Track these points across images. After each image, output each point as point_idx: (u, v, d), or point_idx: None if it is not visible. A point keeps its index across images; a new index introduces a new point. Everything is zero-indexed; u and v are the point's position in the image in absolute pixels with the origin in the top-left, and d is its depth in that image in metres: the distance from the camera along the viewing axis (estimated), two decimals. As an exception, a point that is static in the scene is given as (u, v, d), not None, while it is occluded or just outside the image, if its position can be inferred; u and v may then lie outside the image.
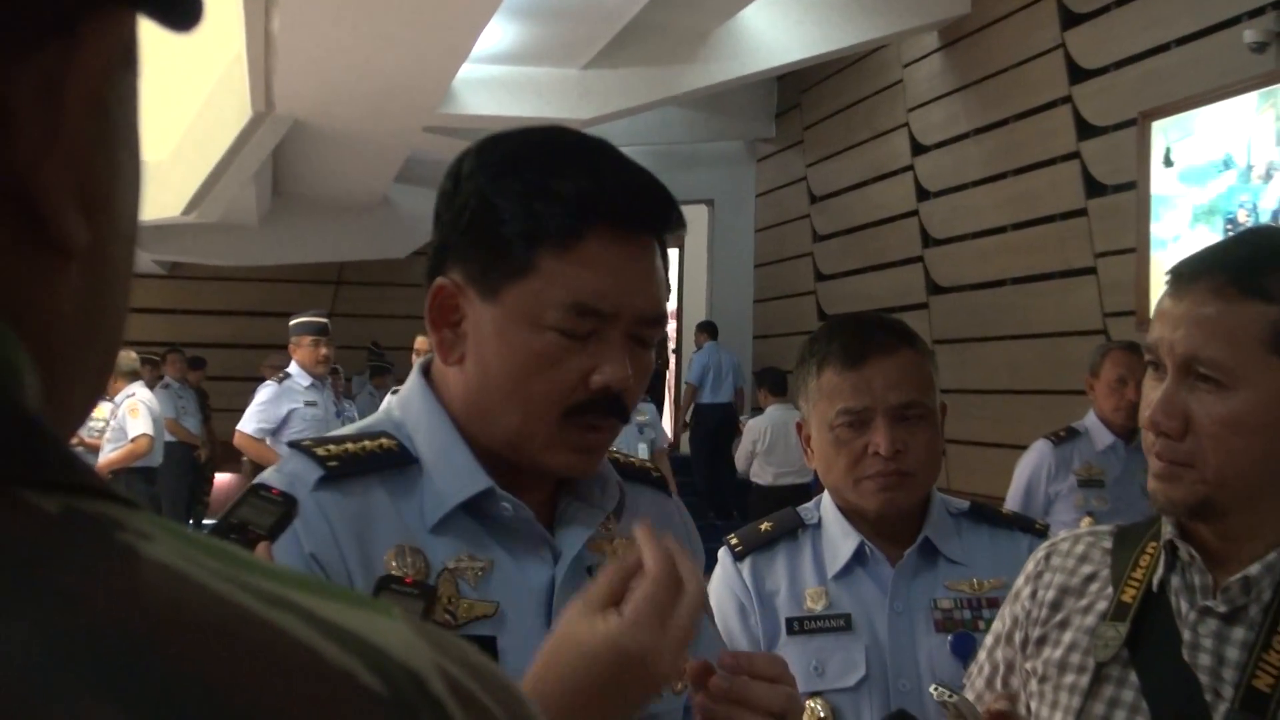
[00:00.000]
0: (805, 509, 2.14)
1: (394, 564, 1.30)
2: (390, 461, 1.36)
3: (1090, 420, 5.04)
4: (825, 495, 2.11)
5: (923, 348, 2.07)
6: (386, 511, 1.32)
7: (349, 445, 1.36)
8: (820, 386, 2.03)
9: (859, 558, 2.04)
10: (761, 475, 9.37)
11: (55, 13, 0.39)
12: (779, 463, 9.34)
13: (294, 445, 1.38)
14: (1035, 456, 5.04)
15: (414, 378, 1.44)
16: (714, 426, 12.51)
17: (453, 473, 1.35)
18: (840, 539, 2.06)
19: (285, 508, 1.21)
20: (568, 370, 1.31)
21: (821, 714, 1.95)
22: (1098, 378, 4.98)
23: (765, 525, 2.13)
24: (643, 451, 8.35)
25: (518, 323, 1.30)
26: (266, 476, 1.34)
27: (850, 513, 2.06)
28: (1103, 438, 4.94)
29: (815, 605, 2.02)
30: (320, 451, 1.34)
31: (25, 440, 0.38)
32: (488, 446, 1.36)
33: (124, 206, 0.44)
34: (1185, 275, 1.46)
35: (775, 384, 9.54)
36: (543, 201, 1.29)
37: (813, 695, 1.95)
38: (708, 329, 13.36)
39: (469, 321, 1.34)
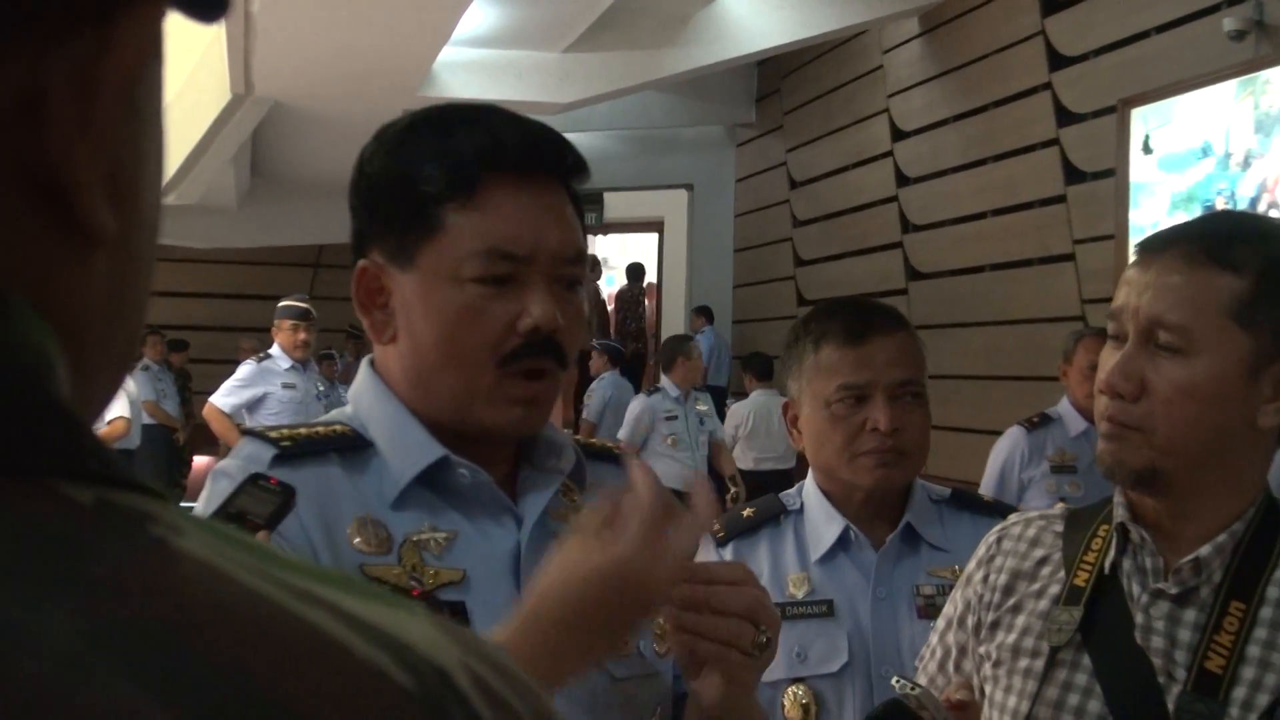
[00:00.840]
0: (788, 495, 2.14)
1: (357, 538, 1.31)
2: (344, 444, 1.37)
3: (1064, 407, 5.09)
4: (808, 481, 2.11)
5: (914, 333, 2.09)
6: (345, 487, 1.34)
7: (302, 430, 1.39)
8: (818, 363, 2.03)
9: (843, 543, 2.04)
10: (742, 459, 9.39)
11: (92, 2, 0.40)
12: (760, 447, 9.36)
13: (247, 431, 1.40)
14: (1009, 443, 5.10)
15: (363, 370, 1.46)
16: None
17: (406, 448, 1.36)
18: (824, 524, 2.06)
19: (284, 497, 1.21)
20: (494, 318, 1.33)
21: (804, 700, 1.95)
22: (1071, 364, 5.02)
23: (747, 511, 2.14)
24: (702, 446, 8.40)
25: (437, 282, 1.33)
26: (226, 461, 1.36)
27: (835, 496, 2.06)
28: (1076, 424, 4.98)
29: (798, 591, 2.02)
30: (273, 435, 1.36)
31: (59, 431, 0.38)
32: (438, 420, 1.37)
33: (149, 195, 0.45)
34: (1154, 246, 1.47)
35: (761, 369, 9.57)
36: (441, 161, 1.33)
37: (795, 681, 1.96)
38: (706, 313, 13.40)
39: (395, 298, 1.36)
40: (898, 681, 1.50)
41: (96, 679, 0.32)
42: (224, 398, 7.24)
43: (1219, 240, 1.43)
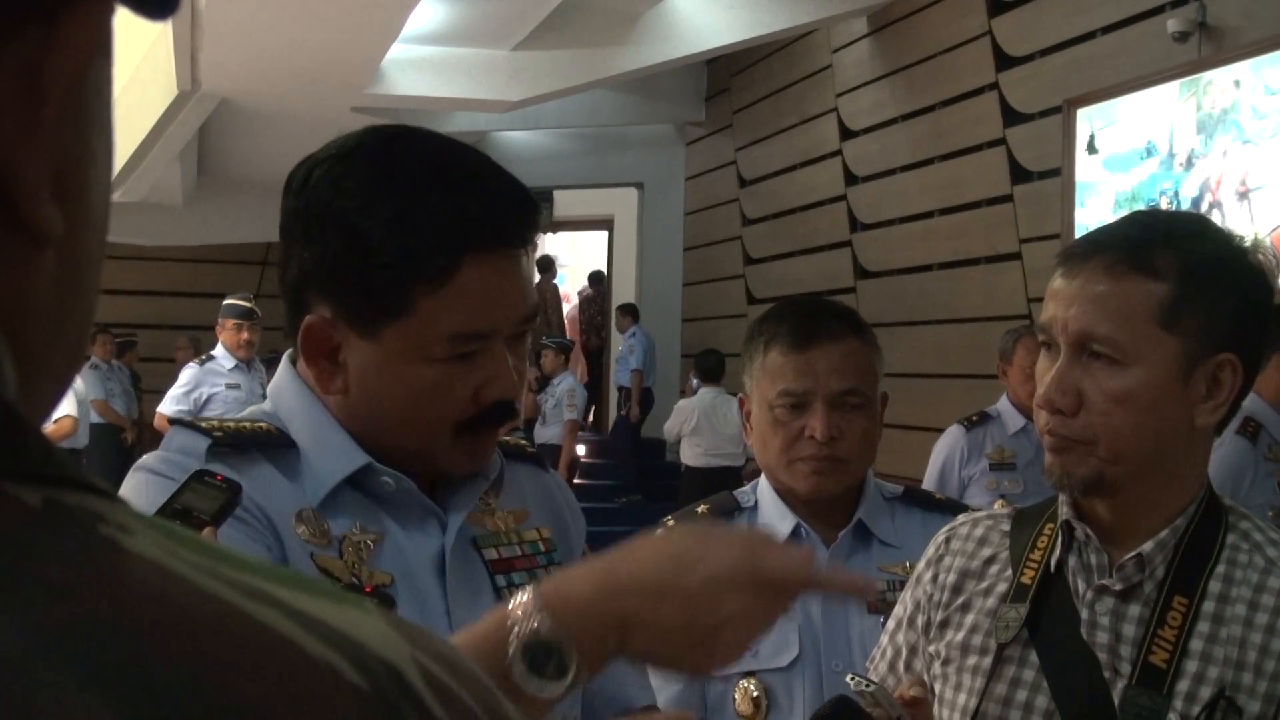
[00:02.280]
0: (742, 492, 2.15)
1: (300, 528, 1.31)
2: (271, 442, 1.36)
3: (1002, 404, 5.16)
4: (762, 479, 2.13)
5: (870, 338, 2.09)
6: (279, 482, 1.33)
7: (230, 423, 1.37)
8: (765, 365, 2.05)
9: (794, 539, 2.05)
10: (690, 456, 9.42)
11: (36, 1, 0.39)
12: (707, 445, 9.42)
13: (176, 421, 1.38)
14: (949, 441, 5.18)
15: (284, 369, 1.44)
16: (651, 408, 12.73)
17: (330, 453, 1.36)
18: (776, 520, 2.07)
19: (229, 494, 1.21)
20: (458, 393, 1.32)
21: (755, 694, 1.96)
22: (1011, 364, 5.07)
23: (701, 508, 2.15)
24: None
25: (402, 360, 1.31)
26: (153, 456, 1.34)
27: (785, 494, 2.08)
28: (1014, 421, 5.03)
29: (749, 587, 2.03)
30: (204, 425, 1.35)
31: (4, 431, 0.38)
32: (366, 435, 1.37)
33: (97, 194, 0.44)
34: (1077, 255, 1.48)
35: (709, 368, 9.64)
36: (411, 235, 1.27)
37: (746, 675, 1.97)
38: (632, 312, 13.42)
39: (346, 352, 1.33)
40: (853, 679, 1.51)
41: (45, 683, 0.31)
42: (173, 405, 7.16)
43: (1138, 246, 1.45)
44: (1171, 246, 1.44)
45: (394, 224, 1.27)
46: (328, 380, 1.35)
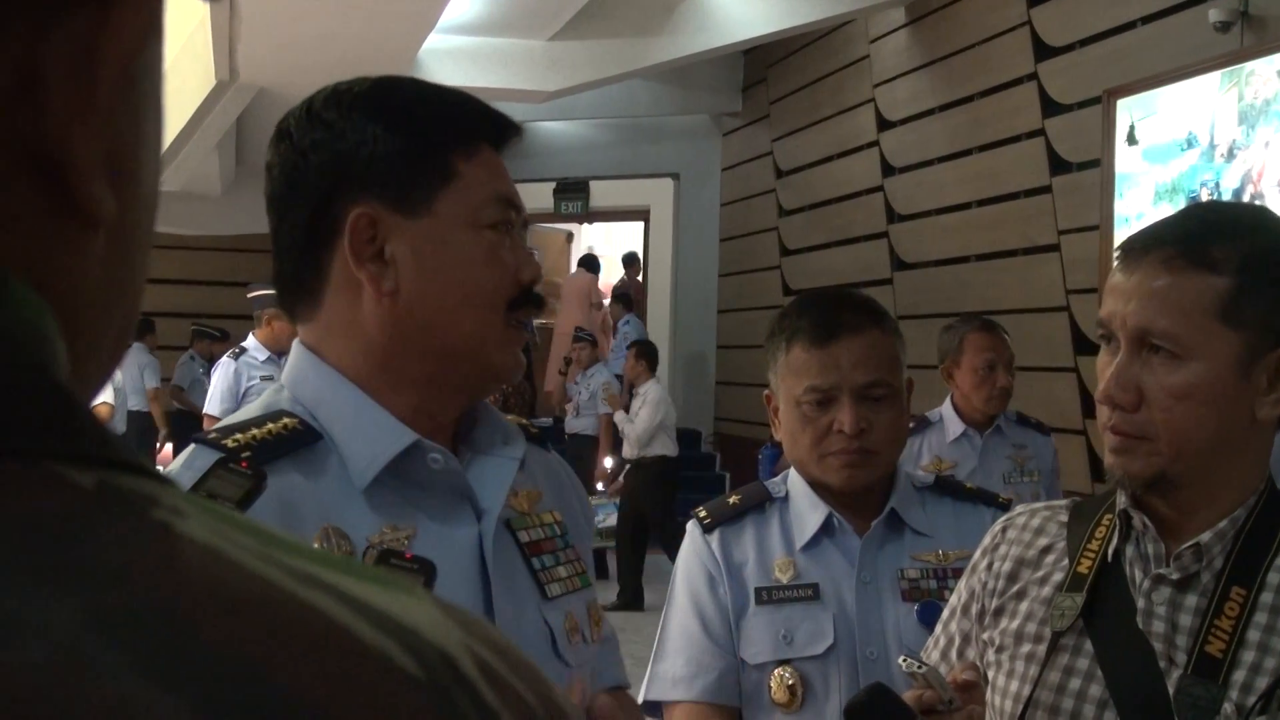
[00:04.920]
0: (773, 483, 2.16)
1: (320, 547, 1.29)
2: (298, 441, 1.33)
3: (945, 409, 4.79)
4: (792, 470, 2.13)
5: (891, 326, 2.09)
6: (305, 494, 1.31)
7: (255, 431, 1.33)
8: (789, 362, 2.05)
9: (826, 529, 2.06)
10: (659, 446, 9.52)
11: None
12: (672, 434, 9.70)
13: (198, 439, 1.35)
14: None
15: (298, 352, 1.41)
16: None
17: (372, 433, 1.34)
18: (808, 511, 2.08)
19: (254, 481, 1.20)
20: (506, 266, 1.37)
21: (790, 682, 1.97)
22: (959, 365, 4.70)
23: (733, 499, 2.16)
24: None
25: (456, 227, 1.35)
26: (173, 468, 1.32)
27: (817, 486, 2.08)
28: (955, 427, 4.72)
29: (783, 576, 2.04)
30: (229, 443, 1.31)
31: (59, 413, 0.38)
32: (396, 401, 1.37)
33: (148, 176, 0.44)
34: (1135, 249, 1.47)
35: (653, 360, 9.90)
36: (441, 114, 1.38)
37: (782, 663, 1.98)
38: (624, 300, 13.48)
39: (394, 244, 1.34)
40: (905, 660, 1.51)
41: (102, 670, 0.31)
42: (219, 406, 7.07)
43: (1196, 240, 1.44)
44: (1230, 239, 1.43)
45: (426, 109, 1.38)
46: (378, 281, 1.34)
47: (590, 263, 14.92)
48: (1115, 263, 1.51)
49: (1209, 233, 1.45)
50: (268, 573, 0.36)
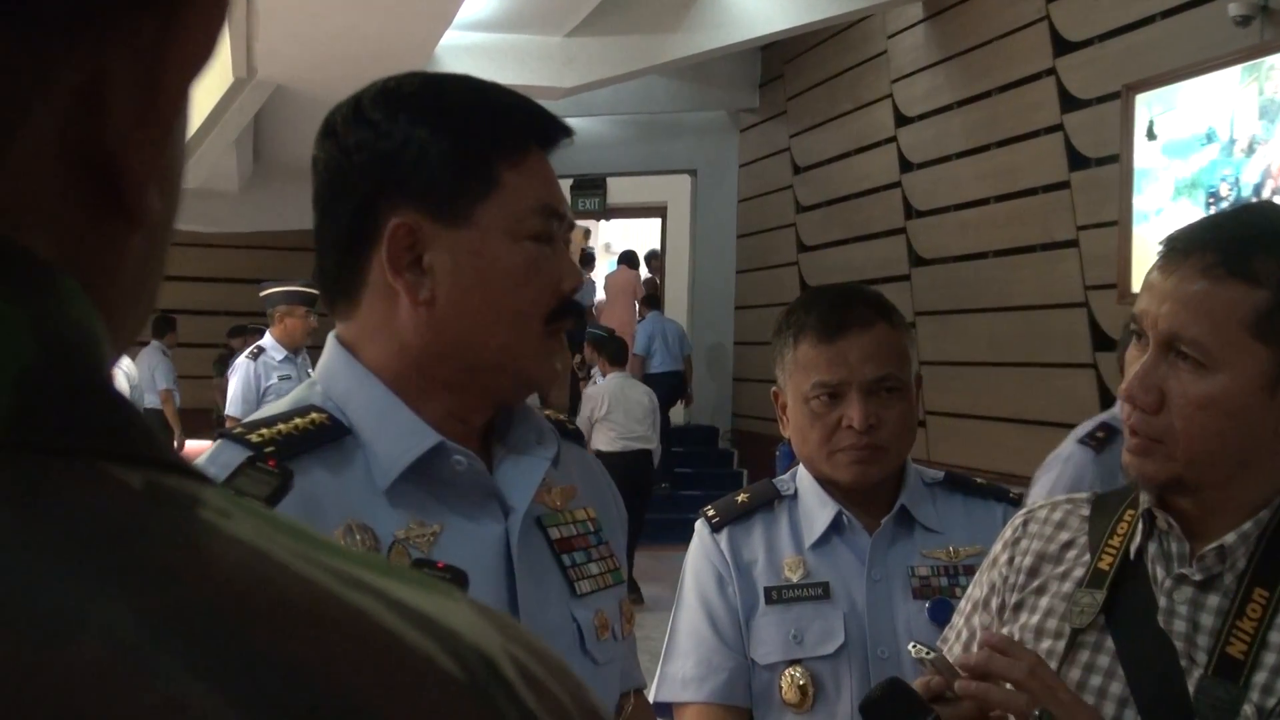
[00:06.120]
0: (781, 480, 2.15)
1: (344, 543, 1.28)
2: (325, 436, 1.33)
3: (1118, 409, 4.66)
4: (801, 467, 2.12)
5: (899, 320, 2.08)
6: (329, 490, 1.30)
7: (280, 426, 1.33)
8: (797, 359, 2.04)
9: (836, 527, 2.06)
10: (602, 441, 9.46)
11: None
12: (621, 429, 9.54)
13: (224, 434, 1.35)
14: (1074, 467, 4.89)
15: (332, 348, 1.41)
16: (664, 394, 12.65)
17: (396, 433, 1.34)
18: (817, 509, 2.07)
19: (281, 479, 1.20)
20: (546, 278, 1.36)
21: (801, 682, 1.96)
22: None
23: (742, 497, 2.15)
24: None
25: (496, 239, 1.33)
26: (200, 467, 1.32)
27: (826, 483, 2.07)
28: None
29: (793, 575, 2.03)
30: (254, 438, 1.31)
31: (108, 412, 0.38)
32: (427, 405, 1.36)
33: (180, 176, 0.45)
34: (1178, 250, 1.45)
35: (615, 353, 9.80)
36: (489, 119, 1.36)
37: (793, 663, 1.97)
38: (649, 301, 13.47)
39: (433, 254, 1.33)
40: (914, 647, 1.50)
41: (157, 670, 0.32)
42: (239, 407, 7.09)
43: (1238, 249, 1.41)
44: (1274, 252, 1.41)
45: (470, 114, 1.36)
46: (415, 291, 1.34)
47: (630, 259, 14.90)
48: (1156, 257, 1.49)
49: (1253, 242, 1.42)
50: (313, 575, 0.37)
